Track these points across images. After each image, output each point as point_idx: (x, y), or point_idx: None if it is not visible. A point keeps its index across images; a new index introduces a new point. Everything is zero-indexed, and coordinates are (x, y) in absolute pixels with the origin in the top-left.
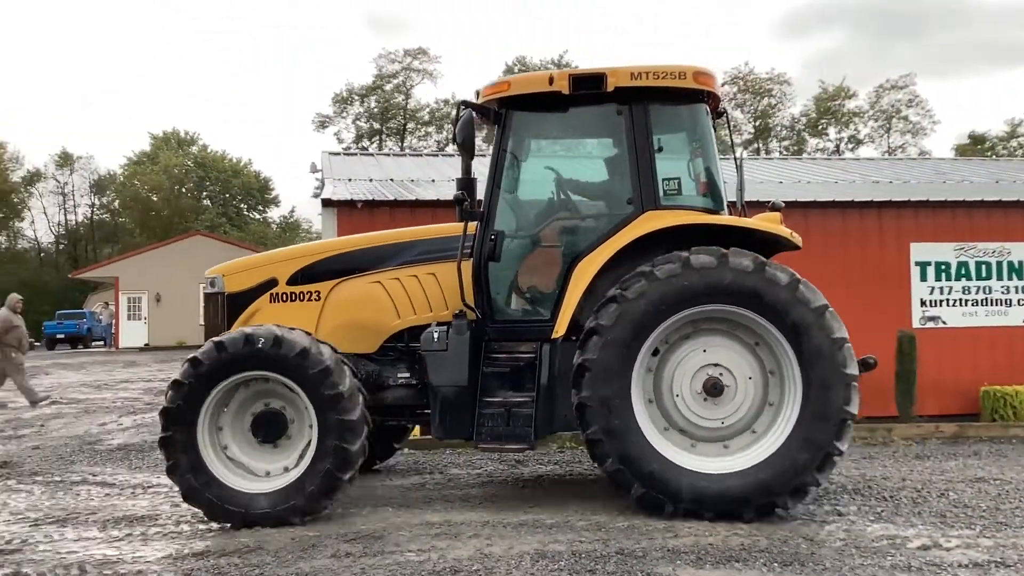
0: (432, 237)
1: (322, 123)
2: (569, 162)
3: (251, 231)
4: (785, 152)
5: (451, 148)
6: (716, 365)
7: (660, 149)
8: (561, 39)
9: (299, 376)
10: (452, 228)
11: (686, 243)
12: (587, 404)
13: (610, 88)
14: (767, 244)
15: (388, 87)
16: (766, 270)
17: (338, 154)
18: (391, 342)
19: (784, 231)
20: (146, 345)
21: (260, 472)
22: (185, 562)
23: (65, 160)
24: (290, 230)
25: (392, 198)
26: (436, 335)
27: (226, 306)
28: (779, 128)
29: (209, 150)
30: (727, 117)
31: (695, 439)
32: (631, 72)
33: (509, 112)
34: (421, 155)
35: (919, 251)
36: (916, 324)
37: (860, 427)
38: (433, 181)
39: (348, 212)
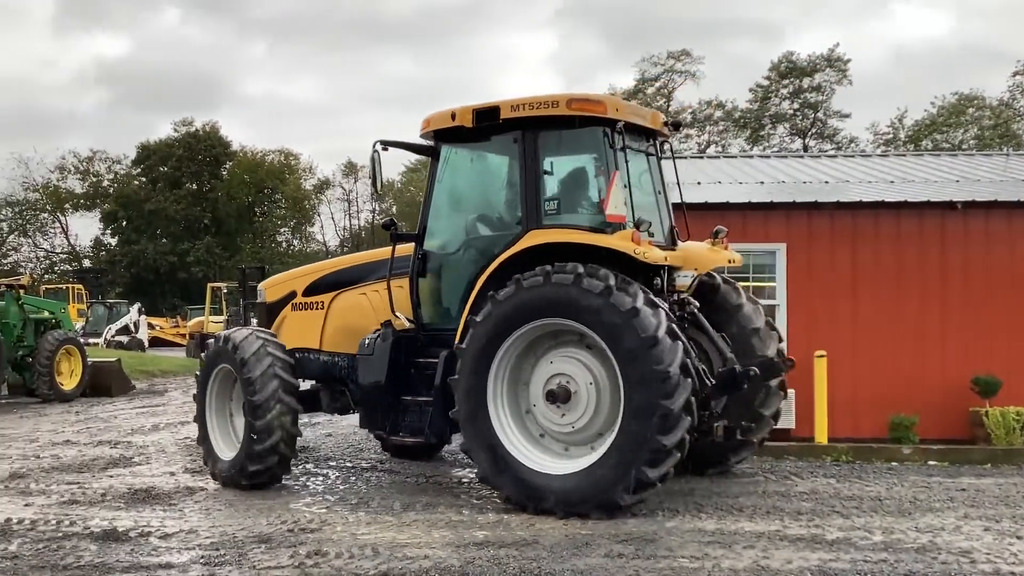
0: (404, 255)
1: None
2: (486, 186)
3: None
4: None
5: (712, 150)
6: (563, 374)
7: (547, 172)
8: (833, 31)
9: (240, 378)
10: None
11: (578, 258)
12: (453, 389)
13: (501, 120)
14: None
15: (650, 91)
16: (613, 293)
17: None
18: None
19: (629, 247)
20: None
21: (238, 441)
22: (467, 550)
23: (350, 169)
24: None
25: None
26: (367, 341)
27: (265, 313)
28: None
29: None
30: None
31: (568, 444)
32: (511, 104)
33: (438, 144)
34: (685, 157)
35: None
36: None
37: None
38: (699, 184)
39: None
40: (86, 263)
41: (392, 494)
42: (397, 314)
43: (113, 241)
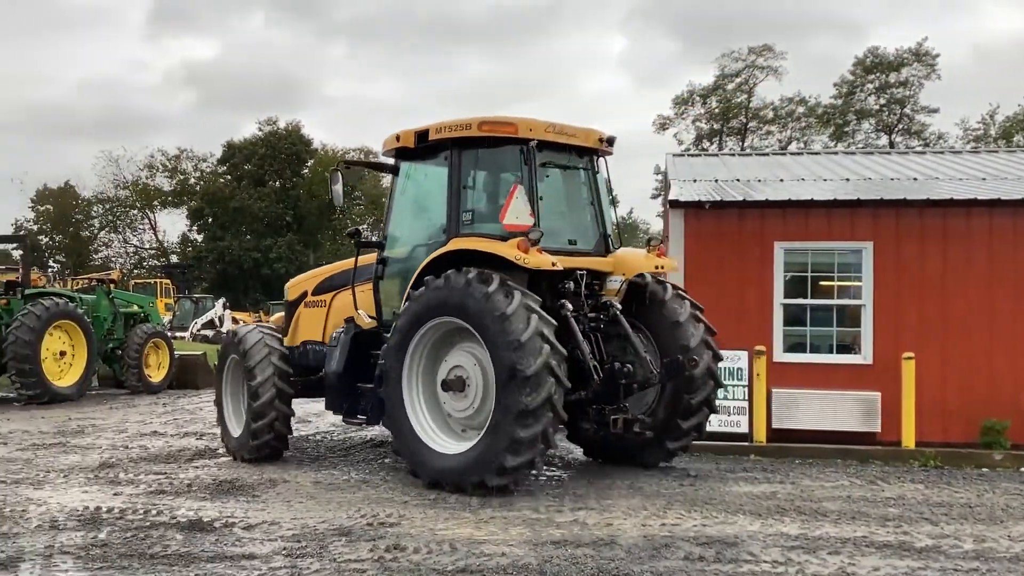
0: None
1: (662, 125)
2: (432, 198)
3: None
4: None
5: (794, 147)
6: (458, 366)
7: (466, 187)
8: (915, 28)
9: (244, 382)
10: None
11: (491, 264)
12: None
13: (430, 141)
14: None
15: (730, 86)
16: (472, 284)
17: (682, 155)
18: None
19: (512, 253)
20: None
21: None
22: (544, 548)
23: None
24: (628, 231)
25: (740, 198)
26: (334, 335)
27: (287, 309)
28: None
29: None
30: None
31: (479, 428)
32: (435, 128)
33: (398, 161)
34: (767, 154)
35: None
36: None
37: None
38: (781, 180)
39: (695, 213)
40: (173, 259)
41: None
42: (360, 312)
43: (199, 237)
